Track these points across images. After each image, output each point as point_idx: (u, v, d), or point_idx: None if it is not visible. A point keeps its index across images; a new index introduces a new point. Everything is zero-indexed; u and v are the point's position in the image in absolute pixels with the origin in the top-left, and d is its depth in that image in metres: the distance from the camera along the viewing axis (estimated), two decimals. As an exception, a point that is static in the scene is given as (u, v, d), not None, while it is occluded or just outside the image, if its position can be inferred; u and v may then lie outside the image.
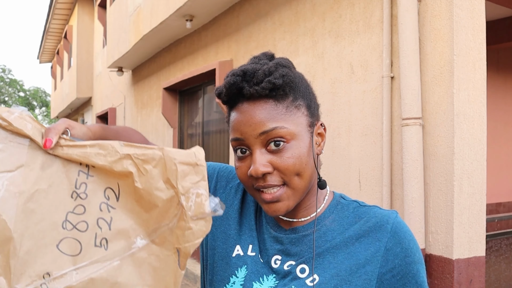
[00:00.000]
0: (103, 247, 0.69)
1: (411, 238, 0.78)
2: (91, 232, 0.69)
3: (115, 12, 7.83)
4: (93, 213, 0.69)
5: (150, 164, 0.69)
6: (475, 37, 2.40)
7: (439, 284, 2.33)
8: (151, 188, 0.69)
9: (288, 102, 0.76)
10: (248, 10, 4.41)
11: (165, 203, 0.69)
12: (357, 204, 0.82)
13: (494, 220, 3.53)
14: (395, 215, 0.78)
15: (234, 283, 0.82)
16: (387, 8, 2.67)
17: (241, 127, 0.75)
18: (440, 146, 2.37)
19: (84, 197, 0.69)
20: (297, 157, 0.74)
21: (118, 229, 0.70)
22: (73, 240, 0.68)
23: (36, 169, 0.68)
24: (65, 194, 0.69)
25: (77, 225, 0.69)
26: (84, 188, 0.70)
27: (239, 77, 0.76)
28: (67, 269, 0.67)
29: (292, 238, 0.81)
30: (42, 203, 0.68)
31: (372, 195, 2.77)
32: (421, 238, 2.37)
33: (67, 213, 0.69)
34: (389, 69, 2.66)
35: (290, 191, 0.75)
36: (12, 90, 35.65)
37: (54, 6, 13.39)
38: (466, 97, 2.35)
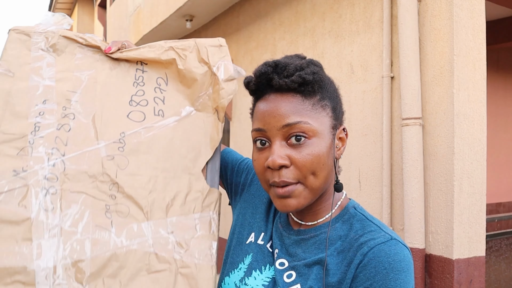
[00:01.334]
0: (160, 115, 0.95)
1: (391, 267, 0.68)
2: (150, 106, 0.96)
3: (115, 12, 7.83)
4: (150, 93, 0.97)
5: (187, 50, 0.98)
6: (475, 37, 2.40)
7: (439, 284, 2.33)
8: (190, 67, 0.97)
9: (315, 100, 0.75)
10: (248, 10, 4.41)
11: (202, 77, 0.97)
12: (363, 217, 0.77)
13: (494, 220, 3.53)
14: (384, 240, 0.71)
15: (240, 269, 0.84)
16: (387, 8, 2.67)
17: (265, 117, 0.75)
18: (440, 146, 2.37)
19: (142, 85, 0.97)
20: (316, 155, 0.73)
21: (170, 103, 0.97)
22: (138, 112, 0.95)
23: (106, 69, 0.98)
24: (129, 83, 0.97)
25: (140, 102, 0.96)
26: (142, 79, 0.98)
27: (270, 68, 0.76)
28: (136, 129, 0.93)
29: (293, 239, 0.81)
30: (113, 89, 0.96)
31: (372, 195, 2.77)
32: (421, 238, 2.37)
33: (131, 95, 0.97)
34: (389, 69, 2.67)
35: (303, 189, 0.74)
36: (12, 90, 35.68)
37: (54, 6, 13.39)
38: (466, 97, 2.35)
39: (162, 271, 0.83)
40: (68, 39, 1.01)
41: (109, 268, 0.82)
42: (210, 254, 0.86)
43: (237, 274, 0.85)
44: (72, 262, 0.81)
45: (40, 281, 0.79)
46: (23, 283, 0.79)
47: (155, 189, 0.90)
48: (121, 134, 0.93)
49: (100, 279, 0.81)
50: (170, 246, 0.85)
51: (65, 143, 0.90)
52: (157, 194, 0.89)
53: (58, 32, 1.01)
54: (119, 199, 0.87)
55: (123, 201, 0.88)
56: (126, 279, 0.82)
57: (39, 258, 0.81)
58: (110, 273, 0.82)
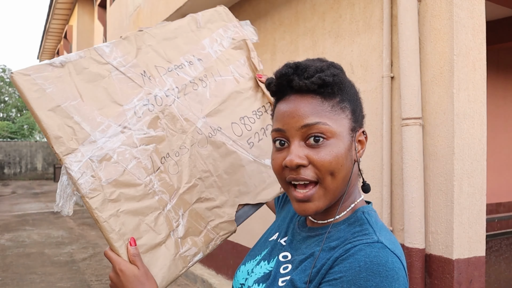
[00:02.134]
0: (249, 146, 1.10)
1: (366, 266, 0.66)
2: (250, 133, 1.10)
3: (115, 12, 7.83)
4: (256, 127, 1.12)
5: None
6: (475, 37, 2.40)
7: (439, 284, 2.33)
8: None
9: (334, 102, 0.76)
10: (248, 10, 4.41)
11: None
12: (366, 221, 0.77)
13: (494, 220, 3.53)
14: (370, 241, 0.70)
15: (256, 260, 0.89)
16: (387, 8, 2.67)
17: (285, 118, 0.77)
18: (440, 146, 2.37)
19: (258, 117, 1.12)
20: (334, 156, 0.74)
21: (261, 146, 1.12)
22: (240, 128, 1.09)
23: (248, 85, 1.14)
24: (251, 107, 1.12)
25: (246, 125, 1.10)
26: (261, 114, 1.13)
27: (291, 69, 0.77)
28: (228, 136, 1.07)
29: (302, 235, 0.84)
30: (240, 100, 1.11)
31: (372, 195, 2.77)
32: (421, 238, 2.37)
33: (245, 115, 1.11)
34: (389, 69, 2.66)
35: (322, 191, 0.75)
36: (12, 90, 35.63)
37: (54, 6, 13.39)
38: (466, 97, 2.35)
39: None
40: (246, 46, 1.19)
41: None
42: (189, 256, 0.97)
43: (252, 263, 0.89)
44: (114, 160, 0.93)
45: (86, 145, 0.90)
46: (74, 134, 0.90)
47: (203, 180, 1.01)
48: (218, 127, 1.06)
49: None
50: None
51: (186, 93, 1.04)
52: (201, 185, 1.01)
53: (244, 37, 1.21)
54: (178, 160, 0.99)
55: (180, 163, 1.00)
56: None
57: (101, 133, 0.93)
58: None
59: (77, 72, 0.93)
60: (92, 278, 5.06)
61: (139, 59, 1.01)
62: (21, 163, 22.99)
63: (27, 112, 35.44)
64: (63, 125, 0.89)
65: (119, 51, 1.01)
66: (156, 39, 1.06)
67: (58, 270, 5.36)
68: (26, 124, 33.09)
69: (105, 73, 0.96)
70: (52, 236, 7.52)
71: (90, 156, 0.89)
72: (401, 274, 0.68)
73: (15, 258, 5.92)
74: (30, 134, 33.16)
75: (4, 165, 22.65)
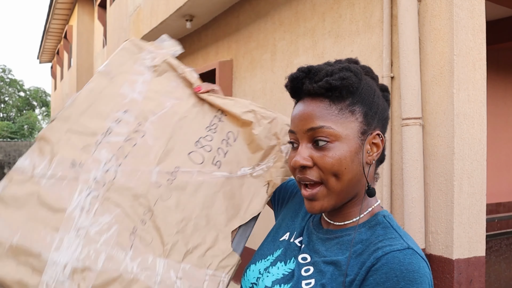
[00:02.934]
0: (217, 166, 0.99)
1: (403, 275, 0.67)
2: (212, 154, 1.00)
3: (115, 12, 7.83)
4: (216, 143, 1.02)
5: (266, 120, 1.02)
6: (475, 37, 2.40)
7: (439, 284, 2.33)
8: (262, 136, 1.01)
9: (343, 105, 0.78)
10: (248, 10, 4.41)
11: (269, 148, 1.01)
12: (389, 225, 0.79)
13: (494, 220, 3.53)
14: (401, 248, 0.71)
15: (268, 260, 0.89)
16: (387, 8, 2.67)
17: (295, 120, 0.81)
18: (440, 146, 2.37)
19: (213, 132, 1.02)
20: (337, 159, 0.76)
21: (229, 159, 1.01)
22: (199, 154, 0.99)
23: (189, 105, 1.05)
24: (203, 126, 1.03)
25: (205, 146, 1.00)
26: (215, 127, 1.03)
27: (303, 73, 0.80)
28: (191, 169, 0.97)
29: (320, 237, 0.85)
30: (187, 125, 1.02)
31: (372, 195, 2.77)
32: (421, 238, 2.37)
33: (200, 137, 1.01)
34: (389, 69, 2.66)
35: (326, 191, 0.78)
36: (12, 90, 35.64)
37: (54, 6, 13.39)
38: (466, 97, 2.35)
39: None
40: (170, 66, 1.08)
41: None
42: None
43: (263, 263, 0.89)
44: (82, 268, 0.84)
45: (48, 272, 0.82)
46: (32, 267, 0.82)
47: (183, 231, 0.92)
48: (175, 168, 0.97)
49: None
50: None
51: (126, 155, 0.95)
52: (183, 236, 0.91)
53: (165, 57, 1.08)
54: (147, 227, 0.90)
55: (150, 230, 0.90)
56: None
57: (57, 251, 0.84)
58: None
59: (6, 204, 0.86)
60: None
61: (62, 153, 0.92)
62: (21, 163, 22.94)
63: (27, 112, 35.47)
64: (17, 265, 0.82)
65: (38, 157, 0.92)
66: (72, 119, 0.96)
67: (58, 270, 5.36)
68: (26, 124, 33.09)
69: (34, 188, 0.88)
70: (52, 236, 7.52)
71: (57, 279, 0.82)
72: (430, 278, 0.71)
73: (15, 258, 5.92)
74: (30, 134, 33.17)
75: (4, 165, 22.65)
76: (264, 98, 4.10)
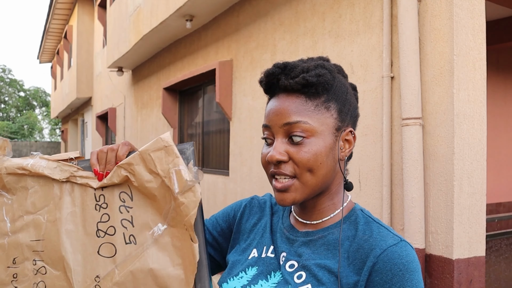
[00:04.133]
0: (132, 243, 0.81)
1: (406, 268, 0.71)
2: (119, 233, 0.82)
3: (115, 12, 7.83)
4: (116, 217, 0.82)
5: (133, 164, 0.80)
6: (475, 37, 2.40)
7: (439, 284, 2.33)
8: (143, 182, 0.80)
9: (319, 101, 0.79)
10: (248, 10, 4.41)
11: (159, 190, 0.79)
12: (370, 219, 0.80)
13: (494, 220, 3.53)
14: (395, 242, 0.74)
15: (242, 278, 0.86)
16: (387, 8, 2.67)
17: (270, 115, 0.81)
18: (440, 146, 2.37)
19: (105, 207, 0.83)
20: (313, 154, 0.76)
21: (140, 223, 0.82)
22: (108, 244, 0.82)
23: (64, 197, 0.84)
24: (91, 208, 0.83)
25: (107, 230, 0.82)
26: (103, 199, 0.83)
27: (279, 69, 0.81)
28: (110, 269, 0.81)
29: (301, 241, 0.83)
30: (76, 222, 0.83)
31: (372, 195, 2.77)
32: (421, 238, 2.37)
33: (96, 223, 0.82)
34: (389, 69, 2.66)
35: (299, 185, 0.78)
36: (12, 90, 35.64)
37: (54, 6, 13.39)
38: (466, 97, 2.35)
39: None
40: (14, 174, 0.85)
41: None
42: None
43: (237, 281, 0.86)
44: None
45: None
46: None
47: None
48: (96, 278, 0.82)
49: None
50: None
51: None
52: None
53: (1, 170, 0.86)
54: None
55: None
56: None
57: None
58: None
59: None
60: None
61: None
62: (21, 163, 22.96)
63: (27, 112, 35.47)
64: None
65: None
66: None
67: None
68: (26, 124, 33.09)
69: None
70: (52, 236, 7.52)
71: None
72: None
73: (15, 258, 5.92)
74: (30, 134, 33.16)
75: (4, 165, 22.61)
76: (264, 98, 4.10)
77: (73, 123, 17.79)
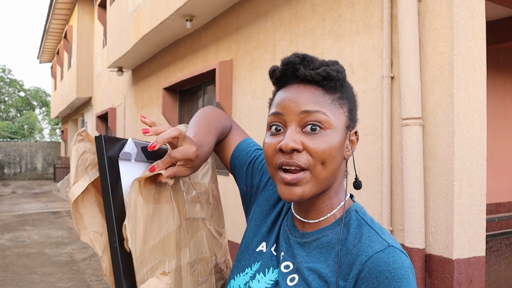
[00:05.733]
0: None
1: (392, 275, 0.68)
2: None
3: (115, 12, 7.83)
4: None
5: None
6: (475, 37, 2.40)
7: (439, 284, 2.33)
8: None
9: (334, 97, 0.78)
10: (248, 10, 4.41)
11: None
12: (363, 221, 0.78)
13: (494, 220, 3.53)
14: (382, 248, 0.71)
15: (247, 274, 0.86)
16: (387, 8, 2.67)
17: (285, 102, 0.77)
18: (440, 146, 2.37)
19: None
20: (329, 146, 0.75)
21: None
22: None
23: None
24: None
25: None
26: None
27: (298, 59, 0.79)
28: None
29: (297, 242, 0.83)
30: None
31: (372, 195, 2.77)
32: (421, 238, 2.37)
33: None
34: (389, 69, 2.66)
35: (310, 178, 0.75)
36: (12, 90, 35.63)
37: (54, 6, 13.39)
38: (466, 97, 2.35)
39: None
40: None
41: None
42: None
43: (242, 278, 0.86)
44: None
45: None
46: None
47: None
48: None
49: None
50: None
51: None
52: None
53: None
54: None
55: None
56: None
57: None
58: None
59: None
60: (92, 278, 5.06)
61: None
62: (21, 163, 22.99)
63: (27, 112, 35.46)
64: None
65: None
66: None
67: (58, 270, 5.36)
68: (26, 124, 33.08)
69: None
70: (52, 236, 7.52)
71: None
72: (412, 267, 0.72)
73: (15, 258, 5.92)
74: (30, 134, 33.16)
75: (4, 165, 22.64)
76: (264, 98, 4.10)
77: (73, 123, 17.79)
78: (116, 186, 0.73)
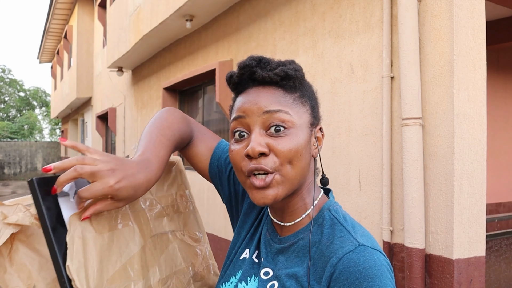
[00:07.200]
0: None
1: (363, 276, 0.66)
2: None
3: (115, 12, 7.83)
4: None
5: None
6: (475, 37, 2.40)
7: (439, 284, 2.33)
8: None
9: (295, 96, 0.78)
10: (248, 10, 4.41)
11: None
12: (336, 221, 0.77)
13: (494, 220, 3.53)
14: (352, 248, 0.69)
15: (231, 283, 0.85)
16: (387, 8, 2.67)
17: (246, 105, 0.76)
18: (440, 146, 2.37)
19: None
20: (294, 145, 0.74)
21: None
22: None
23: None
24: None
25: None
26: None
27: (254, 61, 0.78)
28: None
29: (276, 247, 0.82)
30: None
31: (372, 195, 2.77)
32: (421, 238, 2.37)
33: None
34: (389, 69, 2.66)
35: (280, 178, 0.74)
36: (12, 90, 35.63)
37: (54, 6, 13.39)
38: (466, 97, 2.35)
39: None
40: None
41: None
42: None
43: (228, 287, 0.86)
44: None
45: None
46: None
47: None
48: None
49: None
50: None
51: None
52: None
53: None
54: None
55: None
56: None
57: None
58: None
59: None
60: None
61: None
62: (21, 163, 22.99)
63: (27, 112, 35.47)
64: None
65: None
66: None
67: (58, 270, 5.36)
68: (26, 124, 33.08)
69: None
70: (52, 236, 7.51)
71: None
72: (388, 264, 0.70)
73: (15, 258, 5.92)
74: (30, 134, 33.16)
75: (4, 165, 22.65)
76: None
77: (73, 123, 17.79)
78: (59, 226, 0.70)
